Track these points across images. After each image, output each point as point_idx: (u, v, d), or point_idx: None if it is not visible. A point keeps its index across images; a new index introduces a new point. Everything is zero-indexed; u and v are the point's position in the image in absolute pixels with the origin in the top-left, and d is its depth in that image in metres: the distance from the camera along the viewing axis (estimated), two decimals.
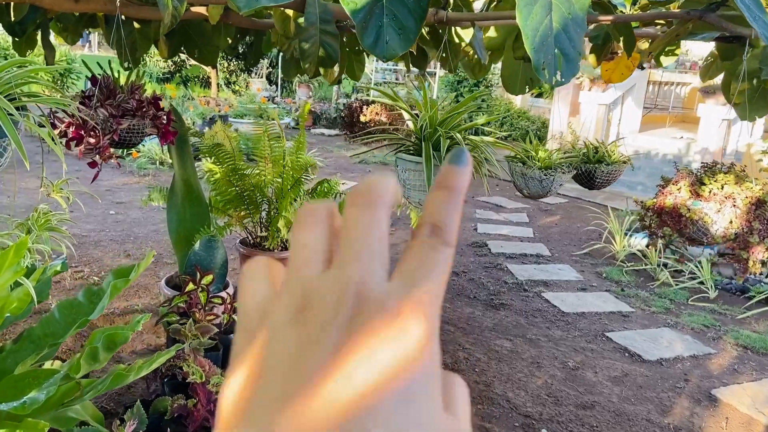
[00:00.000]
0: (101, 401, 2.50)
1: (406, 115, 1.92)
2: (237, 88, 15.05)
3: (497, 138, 2.09)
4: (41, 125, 1.47)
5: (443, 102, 2.02)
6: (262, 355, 0.23)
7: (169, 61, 15.07)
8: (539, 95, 11.97)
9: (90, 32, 2.63)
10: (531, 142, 2.25)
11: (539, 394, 2.97)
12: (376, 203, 0.26)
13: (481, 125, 1.96)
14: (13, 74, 1.41)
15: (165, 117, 2.22)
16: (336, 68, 2.78)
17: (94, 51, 17.43)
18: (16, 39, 2.52)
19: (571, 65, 0.89)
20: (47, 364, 1.86)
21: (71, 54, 15.03)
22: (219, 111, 9.87)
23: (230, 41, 2.62)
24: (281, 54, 2.62)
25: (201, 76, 16.56)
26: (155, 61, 15.04)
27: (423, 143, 1.72)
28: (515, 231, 5.94)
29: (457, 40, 2.46)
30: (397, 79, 13.30)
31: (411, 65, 2.76)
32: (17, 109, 1.51)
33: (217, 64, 14.28)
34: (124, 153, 7.55)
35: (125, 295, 3.69)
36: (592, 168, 2.18)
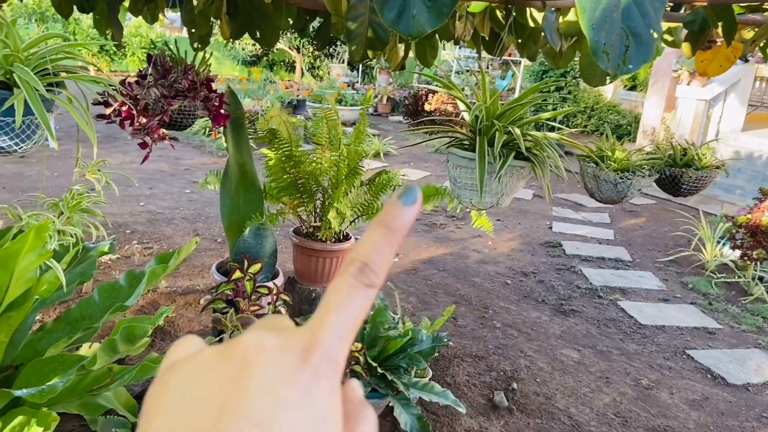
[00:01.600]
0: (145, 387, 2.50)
1: (461, 106, 1.74)
2: (320, 73, 15.18)
3: (566, 134, 1.86)
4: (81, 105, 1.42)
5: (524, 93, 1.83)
6: (172, 403, 0.25)
7: (256, 44, 15.42)
8: (632, 88, 11.26)
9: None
10: (608, 140, 2.00)
11: (606, 413, 2.73)
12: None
13: (547, 119, 1.75)
14: (48, 49, 1.36)
15: (217, 99, 2.15)
16: (401, 51, 2.63)
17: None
18: (96, 17, 2.55)
19: (643, 49, 0.70)
20: (84, 347, 1.84)
21: (167, 35, 15.69)
22: (297, 95, 9.96)
23: (291, 21, 2.52)
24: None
25: (287, 61, 16.86)
26: (244, 44, 15.41)
27: (477, 137, 1.54)
28: (594, 232, 5.58)
29: (533, 24, 2.24)
30: (479, 67, 12.91)
31: (483, 51, 2.56)
32: (56, 85, 1.47)
33: (302, 49, 14.46)
34: (206, 133, 7.76)
35: (190, 274, 3.74)
36: (677, 172, 1.91)
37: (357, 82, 13.36)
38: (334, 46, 14.57)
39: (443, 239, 4.94)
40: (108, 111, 2.05)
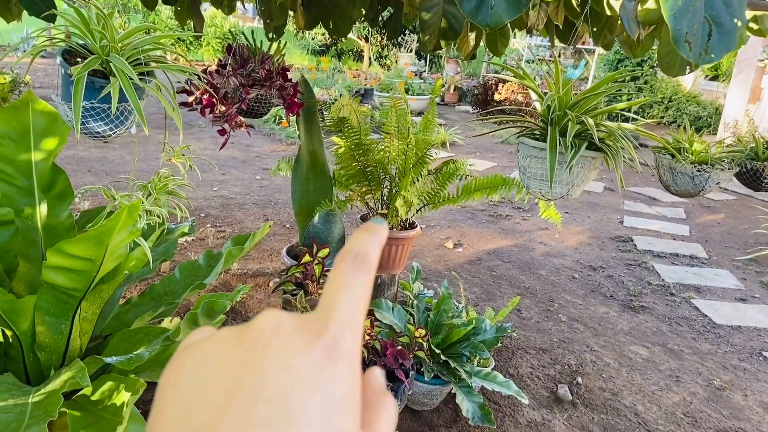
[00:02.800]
0: None
1: (533, 95, 1.73)
2: (387, 62, 15.22)
3: (642, 125, 1.81)
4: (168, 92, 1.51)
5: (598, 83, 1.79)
6: (186, 385, 0.25)
7: (326, 34, 15.63)
8: (714, 78, 10.69)
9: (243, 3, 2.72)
10: (686, 131, 1.93)
11: (674, 412, 2.65)
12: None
13: (622, 110, 1.71)
14: (141, 40, 1.46)
15: (291, 88, 2.22)
16: (472, 41, 2.62)
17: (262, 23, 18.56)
18: (178, 8, 2.68)
19: (726, 38, 0.68)
20: (166, 321, 1.96)
21: (241, 26, 16.12)
22: (365, 84, 10.04)
23: (364, 12, 2.56)
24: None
25: (355, 50, 16.99)
26: (314, 34, 15.65)
27: (549, 127, 1.53)
28: (668, 227, 5.37)
29: (609, 13, 2.18)
30: (551, 56, 12.60)
31: (557, 40, 2.52)
32: (145, 74, 1.57)
33: (370, 38, 14.53)
34: (276, 121, 7.96)
35: (260, 257, 3.88)
36: (760, 166, 1.82)
37: (424, 71, 13.32)
38: (402, 36, 14.57)
39: (509, 230, 4.89)
40: (190, 99, 2.16)
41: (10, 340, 1.66)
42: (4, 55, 1.49)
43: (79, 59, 1.48)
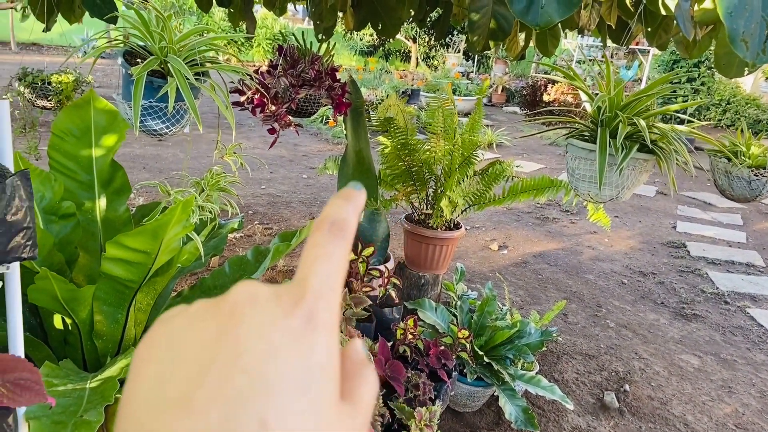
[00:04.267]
0: None
1: (583, 96, 1.70)
2: (434, 63, 15.19)
3: (697, 127, 1.76)
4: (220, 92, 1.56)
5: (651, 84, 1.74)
6: (160, 357, 0.25)
7: (373, 34, 15.71)
8: None
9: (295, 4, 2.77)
10: (743, 134, 1.87)
11: (725, 423, 2.56)
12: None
13: (675, 111, 1.66)
14: (197, 41, 1.51)
15: (340, 88, 2.25)
16: (521, 41, 2.60)
17: (311, 24, 18.85)
18: (231, 10, 2.76)
19: None
20: None
21: (290, 27, 16.38)
22: (412, 85, 10.04)
23: (413, 13, 2.57)
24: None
25: (402, 51, 17.02)
26: (362, 34, 15.76)
27: (599, 129, 1.50)
28: (723, 234, 5.18)
29: (665, 12, 2.13)
30: (603, 56, 12.29)
31: (609, 40, 2.47)
32: (201, 74, 1.62)
33: (418, 39, 14.53)
34: (323, 120, 8.06)
35: None
36: None
37: (472, 71, 13.24)
38: (450, 36, 14.52)
39: (555, 234, 4.82)
40: (242, 99, 2.21)
41: (70, 328, 1.74)
42: (68, 57, 1.57)
43: (138, 60, 1.54)
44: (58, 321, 1.73)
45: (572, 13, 0.83)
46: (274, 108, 2.17)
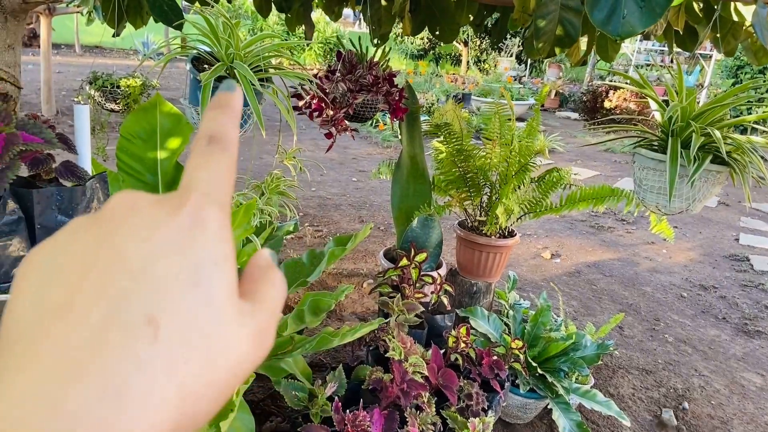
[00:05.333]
0: (320, 354, 2.70)
1: (653, 105, 1.64)
2: (486, 66, 15.05)
3: None
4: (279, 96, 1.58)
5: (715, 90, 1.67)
6: (41, 265, 0.23)
7: (425, 38, 15.70)
8: None
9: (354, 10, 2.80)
10: None
11: None
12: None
13: (754, 122, 1.59)
14: (262, 47, 1.53)
15: (397, 94, 2.25)
16: (582, 47, 2.54)
17: (363, 28, 18.98)
18: (288, 15, 2.80)
19: None
20: None
21: (342, 31, 16.55)
22: (463, 89, 9.98)
23: (471, 18, 2.55)
24: (525, 31, 2.49)
25: (453, 54, 16.94)
26: (413, 38, 15.77)
27: (669, 138, 1.45)
28: None
29: (736, 18, 2.04)
30: (663, 61, 11.93)
31: (675, 46, 2.38)
32: (264, 80, 1.64)
33: (469, 42, 14.43)
34: (373, 124, 8.09)
35: (354, 258, 3.96)
36: None
37: (524, 75, 13.06)
38: (504, 40, 14.36)
39: (611, 243, 4.69)
40: (300, 103, 2.24)
41: None
42: (141, 62, 1.62)
43: (205, 65, 1.58)
44: None
45: (656, 23, 0.80)
46: (331, 113, 2.19)
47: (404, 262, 2.31)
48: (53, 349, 0.21)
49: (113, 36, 2.29)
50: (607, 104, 7.68)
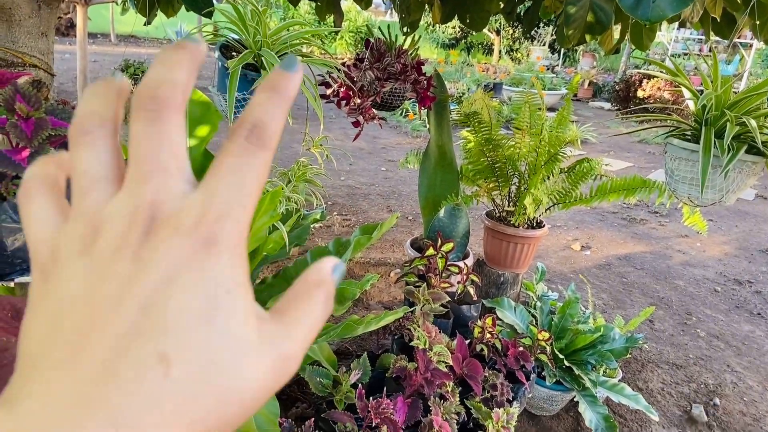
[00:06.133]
0: (346, 342, 2.72)
1: (686, 93, 1.59)
2: (518, 56, 14.86)
3: None
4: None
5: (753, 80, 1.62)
6: (54, 295, 0.22)
7: (456, 27, 15.56)
8: None
9: None
10: None
11: None
12: (161, 112, 0.24)
13: None
14: (290, 35, 1.54)
15: (425, 82, 2.24)
16: (615, 35, 2.48)
17: (394, 17, 18.89)
18: (318, 3, 2.80)
19: None
20: None
21: (373, 20, 16.51)
22: (494, 78, 9.87)
23: (502, 5, 2.52)
24: (557, 20, 2.45)
25: (485, 43, 16.76)
26: (444, 27, 15.65)
27: (703, 128, 1.40)
28: None
29: None
30: (700, 50, 11.59)
31: (713, 33, 2.31)
32: None
33: (501, 31, 14.25)
34: (402, 113, 8.07)
35: (381, 247, 3.97)
36: None
37: (557, 65, 12.84)
38: (536, 29, 14.14)
39: (643, 236, 4.60)
40: (328, 91, 2.24)
41: None
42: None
43: (234, 53, 1.59)
44: None
45: (687, 7, 0.78)
46: (359, 101, 2.19)
47: (431, 251, 2.31)
48: (65, 382, 0.20)
49: (144, 24, 2.32)
50: (640, 93, 7.49)
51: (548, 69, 11.58)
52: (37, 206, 0.25)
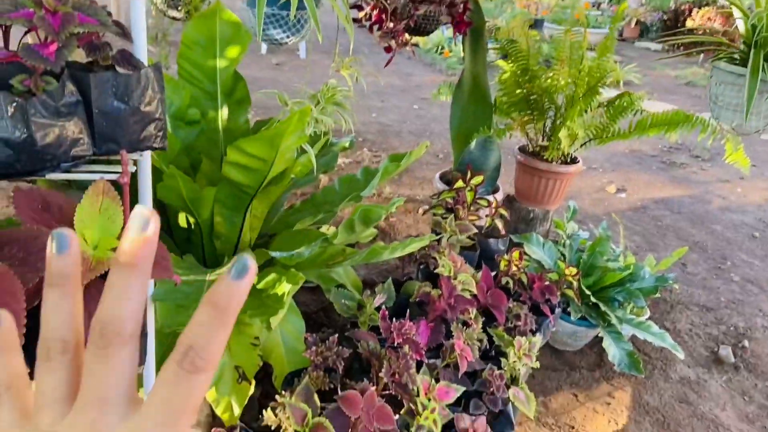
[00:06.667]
0: (372, 273, 2.76)
1: (737, 13, 1.49)
2: None
3: None
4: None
5: None
6: None
7: None
8: None
9: None
10: None
11: None
12: (107, 349, 0.25)
13: None
14: None
15: (462, 5, 2.15)
16: None
17: None
18: None
19: None
20: (323, 228, 2.08)
21: None
22: (536, 14, 9.48)
23: None
24: None
25: None
26: None
27: (752, 50, 1.32)
28: None
29: None
30: None
31: None
32: None
33: None
34: (438, 51, 7.86)
35: (410, 184, 3.95)
36: None
37: (603, 2, 12.25)
38: None
39: (682, 180, 4.47)
40: (360, 15, 2.18)
41: (193, 227, 1.87)
42: None
43: None
44: (182, 220, 1.86)
45: None
46: (392, 25, 2.12)
47: (460, 184, 2.28)
48: None
49: None
50: (689, 23, 7.09)
51: (594, 6, 11.05)
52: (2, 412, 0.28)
